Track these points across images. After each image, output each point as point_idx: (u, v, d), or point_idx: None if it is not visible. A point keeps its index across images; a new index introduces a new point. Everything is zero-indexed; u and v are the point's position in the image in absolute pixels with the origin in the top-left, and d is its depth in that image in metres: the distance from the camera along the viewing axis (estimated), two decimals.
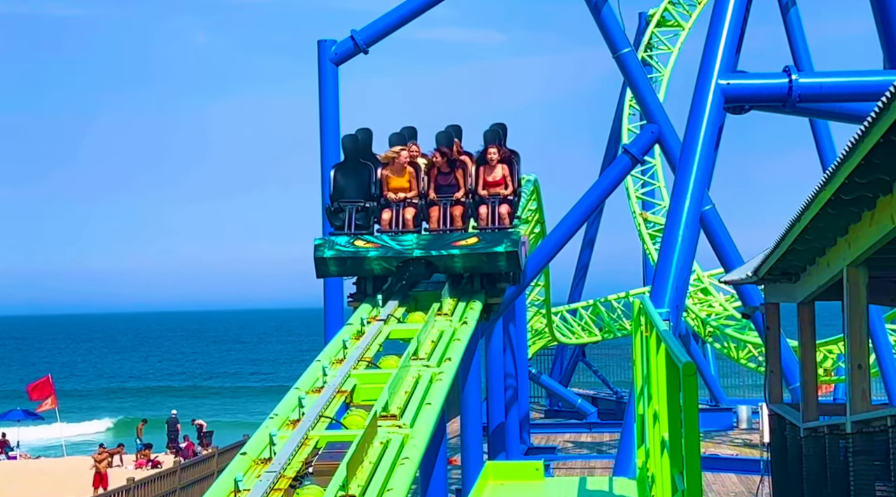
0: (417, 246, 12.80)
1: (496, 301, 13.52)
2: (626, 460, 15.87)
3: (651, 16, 36.33)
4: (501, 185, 13.53)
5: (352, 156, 13.70)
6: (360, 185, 13.51)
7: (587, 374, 41.81)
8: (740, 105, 17.42)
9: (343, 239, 12.94)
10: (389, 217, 13.30)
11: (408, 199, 13.38)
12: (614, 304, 35.96)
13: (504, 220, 13.37)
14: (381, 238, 12.95)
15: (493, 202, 13.40)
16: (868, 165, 7.24)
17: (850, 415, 9.34)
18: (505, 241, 12.88)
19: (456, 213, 13.37)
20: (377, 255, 12.76)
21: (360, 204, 13.37)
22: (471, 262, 12.86)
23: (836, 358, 29.27)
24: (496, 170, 13.57)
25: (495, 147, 13.60)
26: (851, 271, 9.45)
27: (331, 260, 12.84)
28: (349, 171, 13.61)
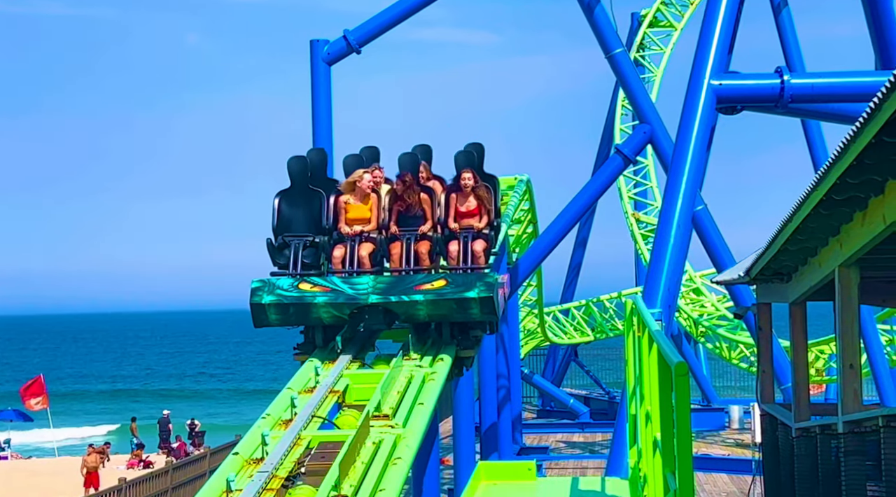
0: (374, 290, 10.86)
1: (469, 354, 11.52)
2: (618, 460, 15.89)
3: (643, 16, 36.37)
4: (476, 217, 11.62)
5: (300, 181, 11.75)
6: (310, 215, 11.60)
7: (579, 374, 41.84)
8: (732, 105, 17.44)
9: (286, 281, 11.00)
10: (342, 254, 11.35)
11: (365, 234, 11.43)
12: (606, 305, 35.98)
13: (478, 258, 11.44)
14: (331, 281, 10.99)
15: (465, 237, 11.48)
16: (860, 166, 7.26)
17: (841, 415, 9.36)
18: (478, 284, 10.88)
19: (421, 249, 11.41)
20: (326, 302, 10.82)
21: (308, 238, 11.44)
22: (437, 309, 10.87)
23: (828, 358, 29.32)
24: (470, 199, 11.65)
25: (469, 172, 11.69)
26: (843, 272, 9.47)
27: (270, 307, 10.88)
28: (296, 200, 11.65)
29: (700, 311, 33.19)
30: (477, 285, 10.90)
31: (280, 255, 11.49)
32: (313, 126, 21.62)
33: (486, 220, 11.67)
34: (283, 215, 11.63)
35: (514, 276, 22.70)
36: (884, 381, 26.94)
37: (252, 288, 10.94)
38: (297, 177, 11.76)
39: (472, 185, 11.66)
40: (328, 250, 11.41)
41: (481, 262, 11.45)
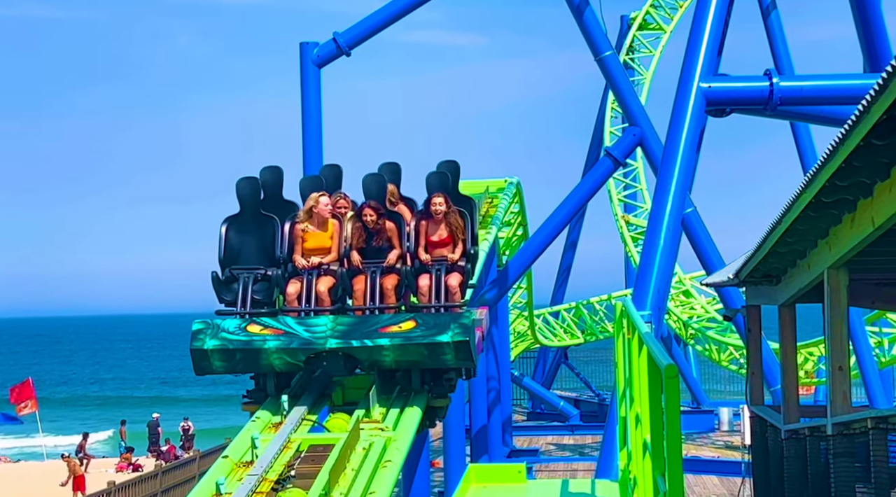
0: (333, 333, 9.56)
1: (442, 403, 10.16)
2: (608, 462, 15.90)
3: (633, 19, 36.46)
4: (449, 247, 10.35)
5: (250, 206, 10.45)
6: (261, 245, 10.31)
7: (570, 376, 41.87)
8: (721, 108, 17.48)
9: (232, 323, 9.71)
10: (297, 290, 10.04)
11: (324, 266, 10.15)
12: (596, 307, 36.02)
13: (453, 294, 10.14)
14: (284, 322, 9.69)
15: (437, 270, 10.18)
16: (848, 168, 7.28)
17: (830, 417, 9.38)
18: (453, 326, 9.58)
19: (387, 284, 10.09)
20: (277, 347, 9.53)
21: (259, 271, 10.15)
22: (405, 355, 9.58)
23: (817, 360, 29.41)
24: (442, 226, 10.38)
25: (441, 196, 10.40)
26: (832, 274, 9.50)
27: (214, 353, 9.54)
28: (246, 227, 10.35)
29: (690, 313, 33.24)
30: (451, 327, 9.57)
31: (227, 291, 10.17)
32: (303, 129, 21.60)
33: (461, 250, 10.37)
34: (231, 245, 10.33)
35: (503, 279, 22.74)
36: (873, 383, 27.01)
37: (193, 331, 9.65)
38: (248, 201, 10.45)
39: (445, 210, 10.36)
40: (282, 285, 10.10)
41: (456, 299, 10.14)
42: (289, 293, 10.06)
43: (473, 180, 23.79)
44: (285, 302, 10.08)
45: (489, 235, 19.89)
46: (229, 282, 10.21)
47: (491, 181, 23.56)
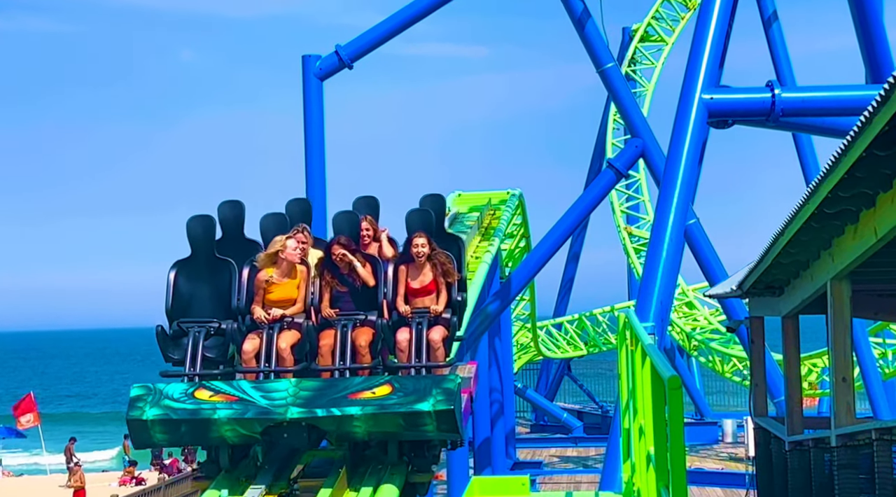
0: (295, 400, 8.31)
1: (424, 479, 8.85)
2: (611, 475, 15.86)
3: (635, 31, 36.51)
4: (432, 295, 9.13)
5: (204, 248, 9.18)
6: (216, 294, 9.05)
7: (573, 388, 41.80)
8: (724, 119, 17.50)
9: (178, 388, 8.46)
10: (255, 347, 8.76)
11: (287, 318, 8.86)
12: (599, 319, 35.98)
13: (436, 351, 8.91)
14: (239, 387, 8.42)
15: (419, 323, 8.95)
16: (851, 179, 7.28)
17: (834, 428, 9.36)
18: (434, 392, 8.35)
19: (361, 340, 8.81)
20: (230, 417, 8.25)
21: (211, 325, 8.87)
22: (380, 425, 8.33)
23: (821, 371, 29.34)
24: (425, 271, 9.15)
25: (423, 237, 9.21)
26: (835, 285, 9.49)
27: (155, 424, 8.30)
28: (198, 273, 9.09)
29: (693, 324, 33.20)
30: (432, 393, 8.33)
31: (175, 348, 8.88)
32: (305, 141, 21.63)
33: (446, 299, 9.13)
34: (180, 294, 9.06)
35: (506, 291, 22.73)
36: (876, 395, 26.95)
37: (131, 397, 8.41)
38: (200, 243, 9.17)
39: (427, 252, 9.14)
40: (238, 341, 8.85)
41: (439, 357, 8.92)
42: (245, 351, 8.77)
43: (476, 192, 23.83)
44: (241, 361, 8.82)
45: (491, 247, 19.88)
46: (177, 337, 8.90)
47: (493, 193, 23.56)
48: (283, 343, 8.79)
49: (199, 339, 8.81)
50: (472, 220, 21.43)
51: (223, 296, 9.05)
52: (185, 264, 9.18)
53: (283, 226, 9.44)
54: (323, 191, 21.49)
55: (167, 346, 8.90)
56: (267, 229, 9.46)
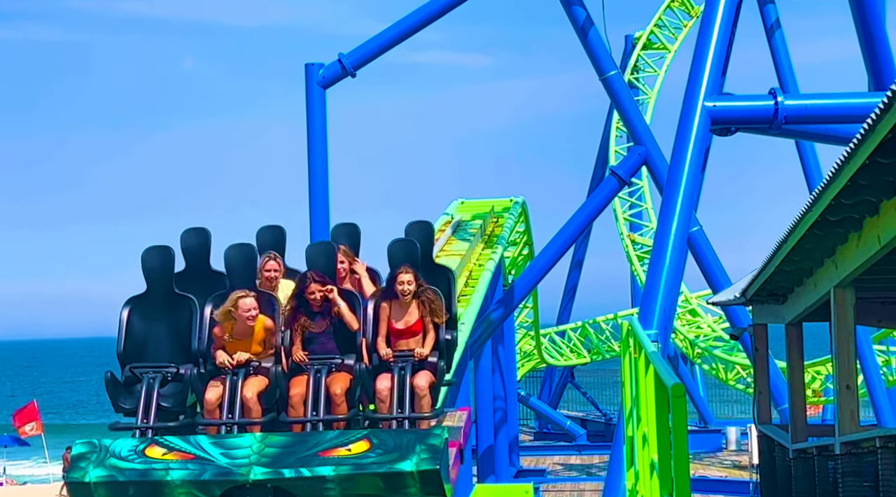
0: (259, 458, 7.46)
1: None
2: (615, 482, 15.84)
3: (637, 38, 36.53)
4: (418, 336, 8.23)
5: (161, 283, 8.24)
6: (175, 335, 8.13)
7: (576, 396, 41.75)
8: (726, 127, 17.50)
9: (126, 445, 7.56)
10: (218, 396, 7.84)
11: (253, 363, 7.95)
12: (603, 326, 35.96)
13: (420, 400, 7.98)
14: (196, 443, 7.53)
15: (402, 368, 8.02)
16: (854, 186, 7.28)
17: (838, 436, 9.35)
18: (418, 448, 7.48)
19: (336, 388, 7.89)
20: (184, 479, 7.39)
21: (168, 370, 7.93)
22: (355, 487, 7.50)
23: (825, 379, 29.30)
24: (411, 309, 8.23)
25: (409, 272, 8.26)
26: (839, 292, 9.48)
27: (99, 487, 7.42)
28: (154, 311, 8.16)
29: (696, 332, 33.17)
30: (416, 450, 7.45)
31: (127, 396, 7.95)
32: (308, 149, 21.65)
33: (433, 341, 8.22)
34: (134, 335, 8.11)
35: (509, 298, 22.73)
36: (880, 402, 26.91)
37: (72, 456, 7.54)
38: (157, 276, 8.23)
39: (413, 290, 8.21)
40: (199, 388, 7.92)
41: (425, 406, 8.00)
42: (207, 400, 7.85)
43: (479, 200, 23.84)
44: (203, 411, 7.91)
45: (494, 255, 19.89)
46: (130, 383, 7.95)
47: (496, 200, 23.57)
48: (250, 391, 7.87)
49: (154, 387, 7.82)
50: (476, 228, 21.46)
51: (182, 337, 8.11)
52: (140, 301, 8.20)
53: (250, 257, 8.41)
54: (326, 199, 21.51)
55: (118, 394, 7.93)
56: (232, 262, 8.36)
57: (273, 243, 8.82)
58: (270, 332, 8.10)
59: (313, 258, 8.48)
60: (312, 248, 8.61)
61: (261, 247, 8.70)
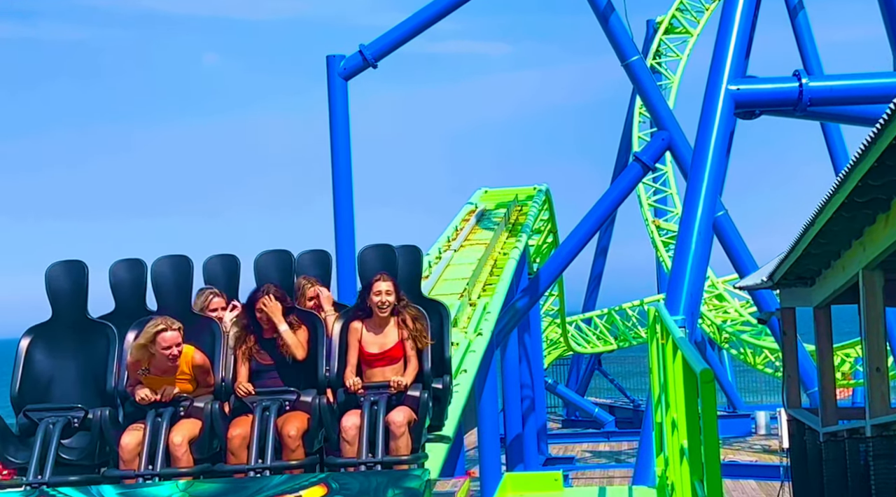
0: None
1: None
2: (644, 469, 15.82)
3: (659, 23, 36.35)
4: (397, 363, 6.71)
5: (70, 305, 6.69)
6: (86, 370, 6.61)
7: (604, 383, 41.72)
8: (751, 110, 17.41)
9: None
10: (138, 442, 6.27)
11: (185, 402, 6.43)
12: (629, 313, 35.90)
13: (397, 440, 6.42)
14: (99, 494, 5.98)
15: (374, 402, 6.48)
16: (881, 167, 7.22)
17: (869, 418, 9.29)
18: (390, 493, 6.02)
19: (289, 428, 6.39)
20: None
21: (75, 414, 6.34)
22: None
23: (854, 361, 29.14)
24: (389, 329, 6.74)
25: (388, 280, 6.76)
26: (867, 274, 9.42)
27: None
28: (62, 341, 6.65)
29: (723, 317, 33.05)
30: (388, 495, 5.98)
31: (18, 448, 6.33)
32: (331, 141, 21.69)
33: (415, 369, 6.68)
34: (34, 372, 6.58)
35: (534, 287, 22.71)
36: None
37: None
38: (65, 300, 6.67)
39: (393, 303, 6.72)
40: (112, 434, 6.34)
41: (401, 449, 6.41)
42: (123, 447, 6.24)
43: (502, 188, 23.83)
44: (118, 461, 6.29)
45: (519, 243, 19.89)
46: (26, 432, 6.34)
47: (520, 189, 23.57)
48: (178, 436, 6.30)
49: (54, 435, 6.21)
50: (500, 217, 21.46)
51: (97, 373, 6.56)
52: (45, 330, 6.65)
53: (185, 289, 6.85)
54: (350, 191, 21.55)
55: (6, 446, 6.28)
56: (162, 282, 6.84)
57: (225, 275, 7.16)
58: (203, 370, 6.56)
59: (263, 267, 7.01)
60: (265, 257, 7.08)
61: (209, 277, 7.13)
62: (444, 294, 15.90)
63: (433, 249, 19.09)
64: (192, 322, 6.69)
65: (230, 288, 7.15)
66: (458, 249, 19.18)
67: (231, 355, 6.67)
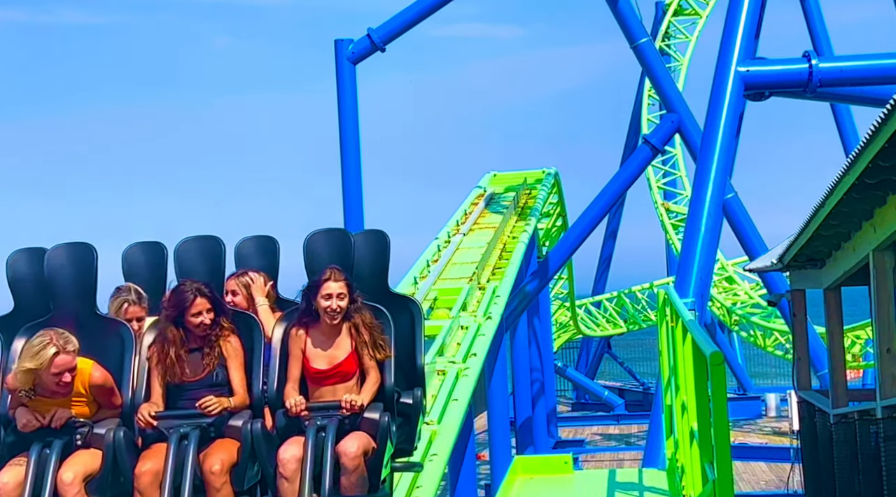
0: None
1: None
2: (654, 451, 15.83)
3: (668, 5, 36.20)
4: (350, 381, 5.53)
5: None
6: None
7: (613, 366, 41.74)
8: (760, 92, 17.33)
9: None
10: (17, 483, 5.09)
11: (80, 429, 5.29)
12: (639, 296, 35.89)
13: (350, 474, 5.28)
14: None
15: (321, 428, 5.33)
16: (892, 148, 7.18)
17: (879, 400, 9.28)
18: None
19: (212, 462, 5.25)
20: None
21: None
22: None
23: (864, 343, 29.11)
24: (339, 338, 5.54)
25: (342, 278, 5.52)
26: (878, 256, 9.38)
27: None
28: None
29: (733, 299, 33.02)
30: None
31: None
32: (340, 125, 21.68)
33: (374, 385, 5.47)
34: None
35: (544, 270, 22.69)
36: None
37: None
38: None
39: (344, 307, 5.48)
40: None
41: (355, 487, 5.27)
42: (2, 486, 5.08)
43: (511, 172, 23.79)
44: None
45: (528, 227, 19.86)
46: None
47: (529, 172, 23.52)
48: (70, 473, 5.11)
49: None
50: (508, 200, 21.43)
51: None
52: None
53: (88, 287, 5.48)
54: (358, 175, 21.54)
55: None
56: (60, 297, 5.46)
57: (149, 269, 5.82)
58: (104, 390, 5.32)
59: (185, 260, 5.71)
60: (188, 245, 5.75)
61: (127, 275, 5.86)
62: (454, 278, 15.90)
63: (442, 233, 19.08)
64: (97, 326, 5.39)
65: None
66: (467, 233, 19.16)
67: (144, 369, 5.38)
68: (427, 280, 15.48)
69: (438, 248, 17.79)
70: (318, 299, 5.53)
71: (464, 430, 11.42)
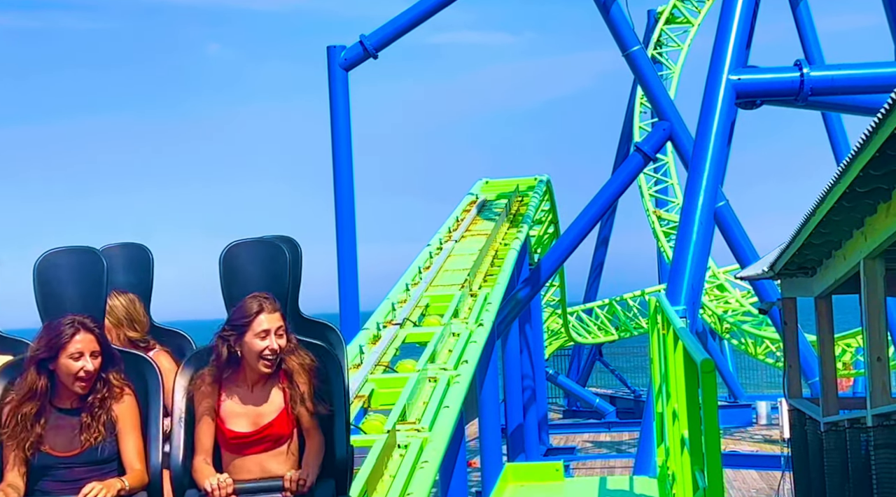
0: None
1: None
2: (645, 459, 15.83)
3: (660, 13, 36.31)
4: (282, 446, 4.24)
5: None
6: None
7: (605, 373, 41.75)
8: (752, 100, 17.37)
9: None
10: None
11: None
12: (630, 303, 35.91)
13: None
14: None
15: None
16: (882, 157, 7.21)
17: (870, 408, 9.29)
18: None
19: None
20: None
21: None
22: None
23: (855, 351, 29.16)
24: (268, 389, 4.23)
25: (276, 311, 4.21)
26: (868, 264, 9.41)
27: None
28: None
29: (724, 307, 33.06)
30: None
31: None
32: (332, 132, 21.66)
33: (316, 453, 4.30)
34: None
35: (535, 277, 22.69)
36: None
37: None
38: None
39: (284, 345, 4.28)
40: None
41: None
42: None
43: (503, 179, 23.79)
44: None
45: (520, 234, 19.85)
46: None
47: (521, 179, 23.53)
48: None
49: None
50: (500, 207, 21.43)
51: None
52: None
53: None
54: (350, 182, 21.53)
55: None
56: None
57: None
58: None
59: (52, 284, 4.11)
60: (53, 259, 4.14)
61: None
62: (445, 285, 15.89)
63: (434, 240, 19.07)
64: None
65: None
66: (459, 240, 19.15)
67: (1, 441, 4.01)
68: (419, 287, 15.49)
69: (430, 255, 17.78)
70: (250, 341, 4.16)
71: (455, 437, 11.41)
